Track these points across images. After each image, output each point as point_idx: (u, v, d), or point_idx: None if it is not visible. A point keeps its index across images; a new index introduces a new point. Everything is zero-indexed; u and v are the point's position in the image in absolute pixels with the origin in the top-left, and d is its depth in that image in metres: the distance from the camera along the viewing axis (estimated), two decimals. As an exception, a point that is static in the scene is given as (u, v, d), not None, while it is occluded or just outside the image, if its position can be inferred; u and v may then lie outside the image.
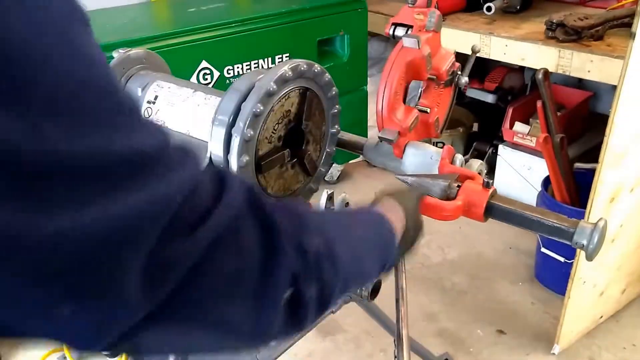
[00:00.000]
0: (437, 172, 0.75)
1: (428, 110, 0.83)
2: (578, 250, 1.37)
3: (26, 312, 0.27)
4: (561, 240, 0.64)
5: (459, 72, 0.87)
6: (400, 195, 0.62)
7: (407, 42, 0.78)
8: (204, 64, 1.68)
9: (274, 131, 0.78)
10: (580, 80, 2.07)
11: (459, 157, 0.74)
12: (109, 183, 0.27)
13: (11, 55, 0.24)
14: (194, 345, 0.39)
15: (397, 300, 0.72)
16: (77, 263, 0.26)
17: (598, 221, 0.61)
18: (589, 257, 0.62)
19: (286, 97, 0.78)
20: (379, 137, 0.80)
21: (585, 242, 0.60)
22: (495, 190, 0.69)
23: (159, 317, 0.31)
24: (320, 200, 0.66)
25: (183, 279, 0.31)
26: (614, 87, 1.22)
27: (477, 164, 0.77)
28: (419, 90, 0.78)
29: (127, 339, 0.31)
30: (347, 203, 0.65)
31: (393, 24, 0.83)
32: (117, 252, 0.28)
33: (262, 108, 0.74)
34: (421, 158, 0.77)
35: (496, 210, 0.68)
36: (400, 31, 0.82)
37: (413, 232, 0.61)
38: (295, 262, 0.37)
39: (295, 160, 0.84)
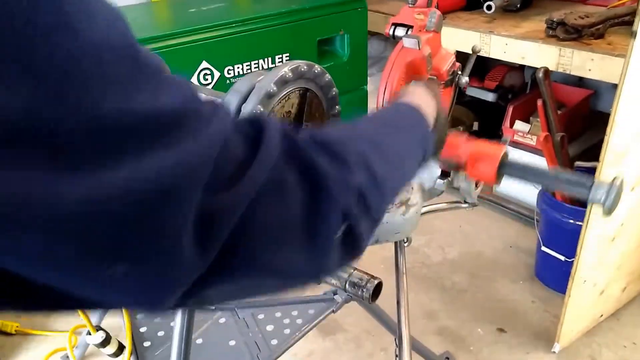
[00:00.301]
0: (438, 173, 0.75)
1: (428, 110, 0.82)
2: (578, 249, 1.37)
3: (80, 276, 0.28)
4: (578, 196, 0.63)
5: (459, 72, 0.87)
6: (428, 83, 0.61)
7: (408, 43, 0.78)
8: (204, 64, 1.68)
9: (275, 132, 0.78)
10: (580, 78, 2.07)
11: (460, 158, 0.74)
12: (139, 143, 0.27)
13: (25, 26, 0.23)
14: (255, 292, 0.39)
15: (398, 302, 0.72)
16: (119, 223, 0.26)
17: (614, 179, 0.62)
18: (607, 213, 0.62)
19: (286, 98, 0.78)
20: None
21: (602, 198, 0.61)
22: (507, 152, 0.67)
23: (217, 272, 0.31)
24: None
25: (233, 231, 0.31)
26: (615, 86, 1.22)
27: (477, 165, 0.77)
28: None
29: (189, 297, 0.31)
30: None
31: (393, 24, 0.83)
32: (159, 211, 0.27)
33: (262, 109, 0.74)
34: (422, 159, 0.77)
35: (511, 165, 0.65)
36: (400, 31, 0.82)
37: (443, 122, 0.59)
38: (342, 199, 0.37)
39: (295, 161, 0.84)
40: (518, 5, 1.94)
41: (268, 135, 0.34)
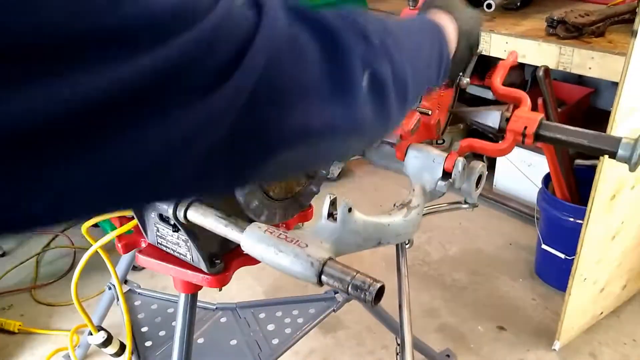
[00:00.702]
0: (439, 174, 0.75)
1: (429, 112, 0.83)
2: (579, 247, 1.38)
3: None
4: (606, 154, 0.71)
5: (461, 73, 0.87)
6: (452, 7, 0.61)
7: (409, 44, 0.77)
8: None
9: (276, 134, 0.78)
10: (580, 76, 2.07)
11: (461, 160, 0.75)
12: (153, 36, 0.26)
13: None
14: (308, 158, 0.40)
15: (400, 306, 0.72)
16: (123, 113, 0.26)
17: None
18: (632, 169, 0.68)
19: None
20: (381, 140, 0.80)
21: (628, 154, 0.67)
22: (544, 118, 0.76)
23: (259, 145, 0.33)
24: (322, 205, 0.67)
25: (256, 97, 0.31)
26: (614, 84, 1.22)
27: (479, 166, 0.77)
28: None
29: (244, 177, 0.35)
30: (350, 209, 0.65)
31: (394, 25, 0.83)
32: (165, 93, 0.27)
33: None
34: (423, 161, 0.77)
35: (547, 126, 0.75)
36: (401, 32, 0.82)
37: (466, 45, 0.60)
38: (360, 46, 0.38)
39: (297, 163, 0.84)
40: (518, 4, 1.94)
41: (268, 5, 0.34)
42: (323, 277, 0.60)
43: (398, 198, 0.77)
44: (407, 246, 0.82)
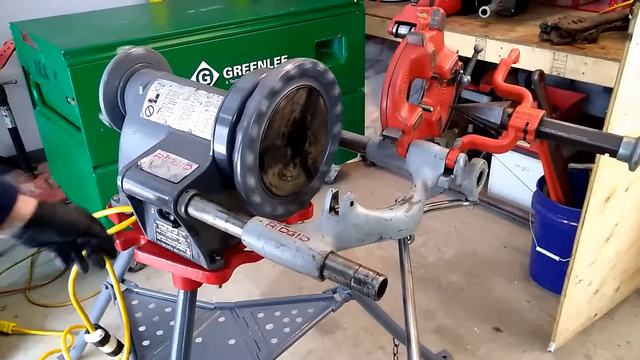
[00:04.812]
0: (441, 170, 0.76)
1: (431, 108, 0.84)
2: (574, 248, 1.39)
3: None
4: (607, 152, 0.72)
5: (461, 71, 0.88)
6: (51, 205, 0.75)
7: (412, 39, 0.78)
8: (203, 64, 1.69)
9: (278, 130, 0.79)
10: (572, 82, 2.09)
11: (462, 156, 0.76)
12: None
13: None
14: None
15: (404, 301, 0.73)
16: None
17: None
18: (632, 168, 0.70)
19: (290, 96, 0.78)
20: (383, 136, 0.81)
21: (629, 153, 0.69)
22: (545, 115, 0.77)
23: None
24: (325, 199, 0.67)
25: None
26: (606, 90, 1.24)
27: (480, 163, 0.78)
28: (422, 90, 0.80)
29: None
30: (352, 202, 0.66)
31: (396, 22, 0.84)
32: None
33: (266, 106, 0.74)
34: (425, 157, 0.78)
35: (548, 123, 0.76)
36: (403, 29, 0.83)
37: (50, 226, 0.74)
38: None
39: (298, 159, 0.84)
40: (512, 10, 1.97)
41: None
42: (325, 271, 0.60)
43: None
44: (408, 242, 0.82)
